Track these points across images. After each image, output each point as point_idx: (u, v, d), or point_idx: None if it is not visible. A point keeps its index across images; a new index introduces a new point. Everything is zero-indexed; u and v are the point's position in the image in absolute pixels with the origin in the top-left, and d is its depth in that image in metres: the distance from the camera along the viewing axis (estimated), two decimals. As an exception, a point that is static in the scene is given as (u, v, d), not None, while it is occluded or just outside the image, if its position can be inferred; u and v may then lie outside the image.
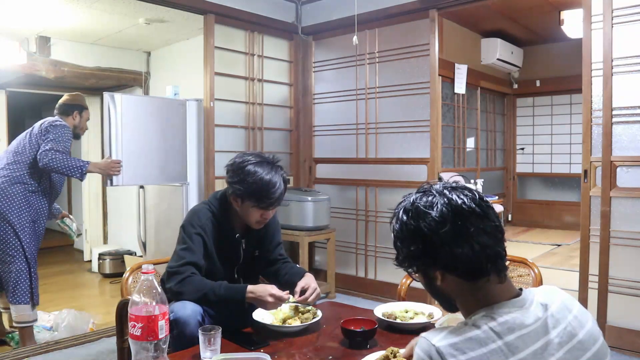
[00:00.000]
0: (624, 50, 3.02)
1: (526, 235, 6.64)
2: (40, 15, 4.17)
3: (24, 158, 3.09)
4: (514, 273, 2.10)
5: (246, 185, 1.89)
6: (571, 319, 0.99)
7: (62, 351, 3.05)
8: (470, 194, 1.02)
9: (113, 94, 3.41)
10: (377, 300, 3.92)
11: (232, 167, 1.95)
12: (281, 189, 1.93)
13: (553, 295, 1.03)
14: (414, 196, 1.05)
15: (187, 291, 1.79)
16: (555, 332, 0.95)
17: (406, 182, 4.08)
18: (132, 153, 3.47)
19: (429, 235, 0.99)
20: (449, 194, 1.01)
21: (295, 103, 4.70)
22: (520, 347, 0.91)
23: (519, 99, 7.32)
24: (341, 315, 1.85)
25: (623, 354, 3.01)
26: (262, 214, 1.94)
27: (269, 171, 1.91)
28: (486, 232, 0.99)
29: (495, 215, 1.03)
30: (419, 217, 1.01)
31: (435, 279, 1.03)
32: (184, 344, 1.68)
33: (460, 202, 1.00)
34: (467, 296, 1.02)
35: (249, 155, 1.97)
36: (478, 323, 0.94)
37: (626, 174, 3.05)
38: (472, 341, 0.90)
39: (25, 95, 5.71)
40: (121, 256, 5.24)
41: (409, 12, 4.00)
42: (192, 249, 1.88)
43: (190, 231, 1.91)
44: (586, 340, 0.98)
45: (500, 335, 0.91)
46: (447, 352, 0.89)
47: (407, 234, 1.02)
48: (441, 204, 1.00)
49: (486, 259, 0.98)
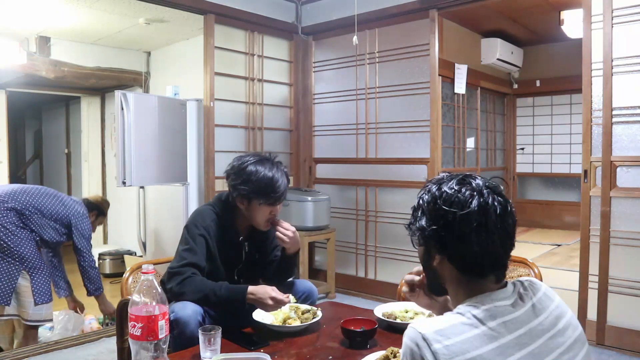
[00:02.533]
0: (624, 50, 3.03)
1: (526, 235, 6.64)
2: (40, 15, 4.17)
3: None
4: (514, 273, 2.10)
5: (251, 185, 1.92)
6: (553, 308, 1.03)
7: (62, 351, 3.05)
8: (504, 202, 1.04)
9: (125, 93, 3.39)
10: (377, 300, 3.92)
11: (234, 170, 1.98)
12: (285, 183, 1.98)
13: (535, 285, 1.07)
14: (453, 181, 1.05)
15: (187, 291, 1.80)
16: (538, 320, 0.99)
17: (406, 182, 4.08)
18: (139, 153, 3.46)
19: (450, 223, 1.01)
20: (487, 196, 1.02)
21: (295, 103, 4.70)
22: (503, 332, 0.94)
23: (519, 99, 7.31)
24: (341, 315, 1.84)
25: (623, 354, 3.01)
26: (271, 211, 1.97)
27: (270, 168, 1.95)
28: (501, 241, 1.02)
29: (514, 229, 1.05)
30: (451, 204, 1.02)
31: (434, 259, 1.07)
32: (184, 345, 1.68)
33: (493, 209, 1.01)
34: (459, 287, 1.06)
35: (247, 156, 2.01)
36: (462, 311, 0.97)
37: (626, 174, 3.05)
38: (456, 327, 0.94)
39: (25, 95, 5.71)
40: (121, 256, 5.23)
41: (409, 12, 4.00)
42: (195, 250, 1.89)
43: (194, 232, 1.92)
44: (567, 328, 1.02)
45: (482, 321, 0.94)
46: (432, 338, 0.92)
47: (432, 212, 1.04)
48: (477, 202, 1.01)
49: (490, 264, 1.02)
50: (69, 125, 6.85)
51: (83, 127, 6.13)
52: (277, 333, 1.73)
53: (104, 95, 6.01)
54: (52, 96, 6.23)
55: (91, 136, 6.07)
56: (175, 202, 3.96)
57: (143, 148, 3.49)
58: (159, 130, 3.66)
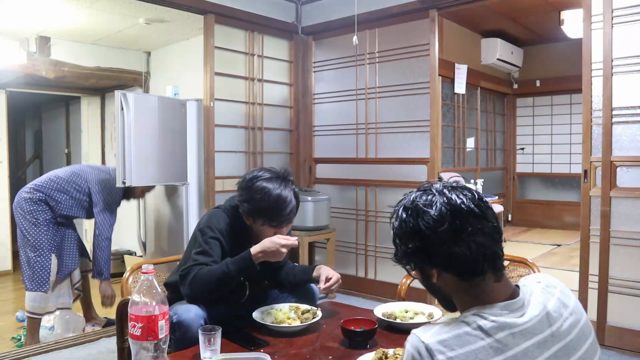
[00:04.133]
0: (624, 50, 3.02)
1: (526, 235, 6.65)
2: (40, 15, 4.17)
3: None
4: (514, 273, 2.10)
5: (254, 203, 1.84)
6: (567, 315, 1.00)
7: (62, 351, 3.05)
8: (470, 194, 1.03)
9: (125, 93, 3.39)
10: (377, 300, 3.92)
11: (241, 185, 1.90)
12: (292, 205, 1.86)
13: (550, 290, 1.04)
14: (414, 194, 1.06)
15: (197, 289, 1.76)
16: (550, 330, 0.96)
17: (406, 182, 4.08)
18: (139, 153, 3.46)
19: (427, 233, 1.00)
20: (449, 194, 1.02)
21: (295, 103, 4.70)
22: (510, 344, 0.91)
23: (519, 99, 7.32)
24: (341, 315, 1.85)
25: (623, 354, 3.01)
26: (276, 232, 1.86)
27: (278, 186, 1.84)
28: (484, 232, 0.99)
29: (494, 216, 1.04)
30: (418, 215, 1.01)
31: (432, 277, 1.04)
32: (185, 347, 1.66)
33: (459, 201, 1.00)
34: (463, 294, 1.03)
35: (260, 171, 1.91)
36: (468, 320, 0.95)
37: (626, 174, 3.05)
38: (461, 338, 0.91)
39: (25, 95, 5.71)
40: (121, 256, 5.23)
41: (409, 12, 4.00)
42: (209, 253, 1.82)
43: (208, 234, 1.86)
44: (578, 339, 0.99)
45: (489, 333, 0.92)
46: (436, 349, 0.90)
47: (406, 232, 1.03)
48: (440, 203, 1.01)
49: (483, 258, 0.99)
50: (69, 125, 6.85)
51: (83, 127, 6.13)
52: (277, 333, 1.73)
53: (104, 95, 6.01)
54: (52, 96, 6.23)
55: (91, 136, 6.07)
56: (175, 202, 3.96)
57: (143, 148, 3.49)
58: (159, 130, 3.65)
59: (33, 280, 3.13)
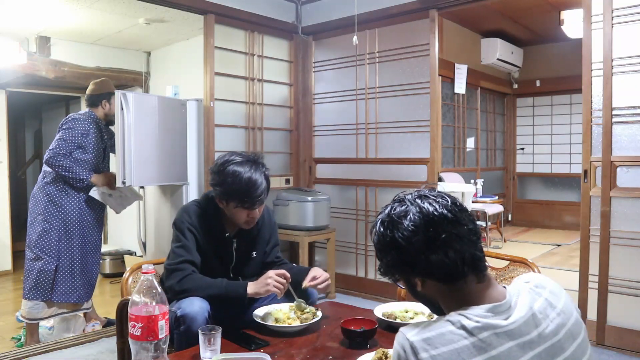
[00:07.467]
0: (624, 50, 3.02)
1: (526, 235, 6.65)
2: (40, 15, 4.17)
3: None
4: (514, 273, 2.10)
5: (226, 187, 1.90)
6: (554, 316, 1.01)
7: (62, 351, 3.05)
8: (442, 200, 1.05)
9: (125, 92, 3.39)
10: (377, 300, 3.92)
11: (213, 169, 1.96)
12: (263, 187, 1.92)
13: (538, 291, 1.05)
14: (390, 206, 1.09)
15: (190, 288, 1.82)
16: (535, 332, 0.97)
17: (406, 182, 4.08)
18: (139, 153, 3.46)
19: (403, 244, 1.02)
20: (421, 203, 1.04)
21: (295, 103, 4.70)
22: (493, 344, 0.92)
23: (519, 99, 7.32)
24: (341, 315, 1.85)
25: (623, 354, 3.01)
26: (249, 214, 1.94)
27: (249, 169, 1.90)
28: (459, 236, 1.01)
29: (469, 219, 1.05)
30: (394, 227, 1.04)
31: (416, 285, 1.06)
32: (190, 340, 1.68)
33: (431, 209, 1.02)
34: (448, 298, 1.05)
35: (232, 155, 1.97)
36: (452, 319, 0.96)
37: (626, 174, 3.05)
38: (444, 337, 0.93)
39: (25, 95, 5.71)
40: (121, 256, 5.23)
41: (409, 12, 4.00)
42: (187, 246, 1.91)
43: (182, 227, 1.94)
44: (565, 340, 0.99)
45: (472, 332, 0.93)
46: (420, 347, 0.92)
47: (385, 245, 1.06)
48: (413, 213, 1.03)
49: (462, 262, 1.00)
50: (69, 125, 6.83)
51: (83, 127, 6.11)
52: (277, 333, 1.73)
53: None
54: (52, 96, 6.23)
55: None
56: (175, 202, 3.95)
57: (143, 148, 3.49)
58: (159, 130, 3.65)
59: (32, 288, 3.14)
